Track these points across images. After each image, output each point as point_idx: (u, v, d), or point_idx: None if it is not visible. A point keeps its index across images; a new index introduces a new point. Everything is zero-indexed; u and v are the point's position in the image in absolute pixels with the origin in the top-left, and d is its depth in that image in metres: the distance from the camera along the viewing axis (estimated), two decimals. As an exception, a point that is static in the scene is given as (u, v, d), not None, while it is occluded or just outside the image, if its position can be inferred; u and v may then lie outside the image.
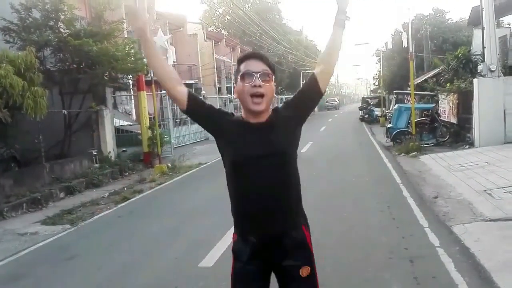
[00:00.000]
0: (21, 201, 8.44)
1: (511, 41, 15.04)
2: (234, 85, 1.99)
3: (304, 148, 15.76)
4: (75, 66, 11.59)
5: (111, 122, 13.34)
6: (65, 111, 11.48)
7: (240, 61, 1.98)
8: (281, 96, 39.56)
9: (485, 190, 6.96)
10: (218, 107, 2.18)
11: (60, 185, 9.76)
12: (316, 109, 59.71)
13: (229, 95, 29.83)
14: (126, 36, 13.82)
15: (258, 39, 36.37)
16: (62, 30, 11.32)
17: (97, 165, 11.70)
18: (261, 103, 1.90)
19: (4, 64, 7.84)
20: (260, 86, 1.89)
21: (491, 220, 5.55)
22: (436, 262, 4.38)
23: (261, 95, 1.90)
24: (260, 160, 1.91)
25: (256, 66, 1.92)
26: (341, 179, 9.45)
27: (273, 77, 1.97)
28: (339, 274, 4.22)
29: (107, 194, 9.62)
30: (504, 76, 11.90)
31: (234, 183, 2.01)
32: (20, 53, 8.82)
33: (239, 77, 1.95)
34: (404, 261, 4.45)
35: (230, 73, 33.03)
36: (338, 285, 3.99)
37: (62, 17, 11.25)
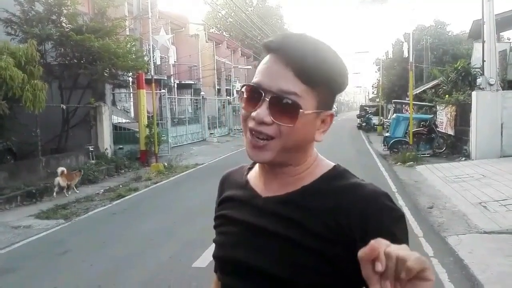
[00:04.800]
0: (15, 194, 8.40)
1: (511, 55, 15.13)
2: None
3: (301, 153, 15.78)
4: (75, 61, 11.57)
5: (109, 118, 13.32)
6: (63, 106, 11.45)
7: (265, 51, 0.89)
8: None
9: (480, 203, 6.99)
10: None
11: (55, 179, 9.71)
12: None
13: (227, 97, 29.87)
14: (127, 33, 13.81)
15: (259, 43, 36.44)
16: (64, 25, 11.32)
17: (93, 161, 11.67)
18: (264, 149, 0.88)
19: (5, 56, 7.80)
20: (265, 123, 0.86)
21: (485, 232, 5.57)
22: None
23: (266, 137, 0.87)
24: (248, 274, 0.94)
25: (275, 77, 0.85)
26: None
27: (313, 108, 0.87)
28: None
29: (102, 190, 9.59)
30: (502, 90, 11.97)
31: None
32: (21, 46, 8.80)
33: (243, 90, 0.92)
34: (398, 270, 4.44)
35: (230, 75, 33.06)
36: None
37: (65, 11, 11.24)
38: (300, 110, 0.85)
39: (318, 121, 0.90)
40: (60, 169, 9.15)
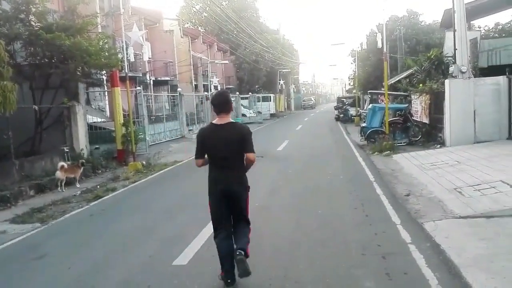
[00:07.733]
0: (-12, 199, 8.16)
1: (482, 43, 15.48)
2: None
3: (280, 146, 15.85)
4: (46, 60, 11.27)
5: (84, 118, 13.05)
6: (35, 107, 11.17)
7: None
8: (258, 95, 39.52)
9: (455, 188, 7.14)
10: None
11: (30, 182, 9.48)
12: (292, 108, 60.25)
13: (205, 93, 29.63)
14: (99, 30, 13.53)
15: (235, 37, 36.30)
16: (33, 23, 10.99)
17: (69, 162, 11.42)
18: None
19: (-29, 57, 7.56)
20: None
21: (461, 217, 5.70)
22: (408, 258, 4.47)
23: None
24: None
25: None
26: (316, 177, 9.53)
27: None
28: (313, 270, 4.25)
29: (79, 192, 9.41)
30: (474, 77, 12.23)
31: None
32: (-11, 46, 8.51)
33: None
34: (377, 257, 4.52)
35: (207, 70, 32.83)
36: (312, 281, 4.02)
37: (34, 9, 10.92)
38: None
39: None
40: (60, 164, 9.71)
